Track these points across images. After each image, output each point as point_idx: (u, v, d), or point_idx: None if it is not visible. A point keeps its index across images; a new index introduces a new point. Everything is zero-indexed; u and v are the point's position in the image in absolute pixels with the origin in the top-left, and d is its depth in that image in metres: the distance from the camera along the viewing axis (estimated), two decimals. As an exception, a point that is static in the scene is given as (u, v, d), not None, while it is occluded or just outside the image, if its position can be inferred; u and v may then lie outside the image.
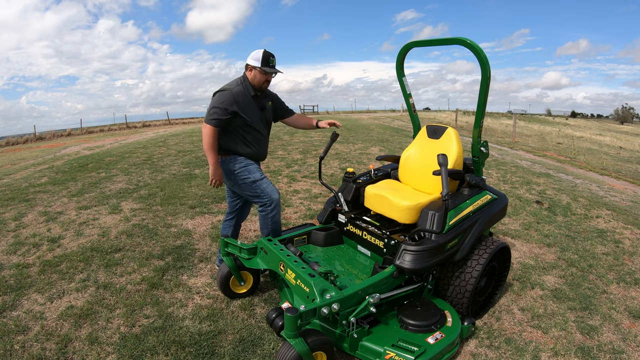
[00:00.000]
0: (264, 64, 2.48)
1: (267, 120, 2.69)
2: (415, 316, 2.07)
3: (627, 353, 2.14)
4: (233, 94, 2.47)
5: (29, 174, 6.33)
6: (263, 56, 2.47)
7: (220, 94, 2.49)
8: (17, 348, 2.01)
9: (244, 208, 2.87)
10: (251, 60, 2.49)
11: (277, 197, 2.58)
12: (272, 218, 2.59)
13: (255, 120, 2.57)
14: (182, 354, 1.98)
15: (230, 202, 2.79)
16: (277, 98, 2.81)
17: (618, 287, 2.87)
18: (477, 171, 2.64)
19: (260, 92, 2.59)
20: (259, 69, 2.48)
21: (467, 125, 16.78)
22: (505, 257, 2.57)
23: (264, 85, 2.56)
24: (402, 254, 2.09)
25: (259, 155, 2.67)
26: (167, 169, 6.29)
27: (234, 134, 2.55)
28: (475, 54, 2.25)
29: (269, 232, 2.66)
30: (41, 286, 2.60)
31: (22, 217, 3.97)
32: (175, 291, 2.57)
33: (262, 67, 2.47)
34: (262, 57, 2.48)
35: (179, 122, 25.97)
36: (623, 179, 7.14)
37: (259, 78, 2.51)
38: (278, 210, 2.61)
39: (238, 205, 2.80)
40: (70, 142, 14.53)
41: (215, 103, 2.46)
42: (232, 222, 2.83)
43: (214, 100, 2.50)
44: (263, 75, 2.50)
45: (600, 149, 13.78)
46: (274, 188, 2.59)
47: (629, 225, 4.22)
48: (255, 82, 2.52)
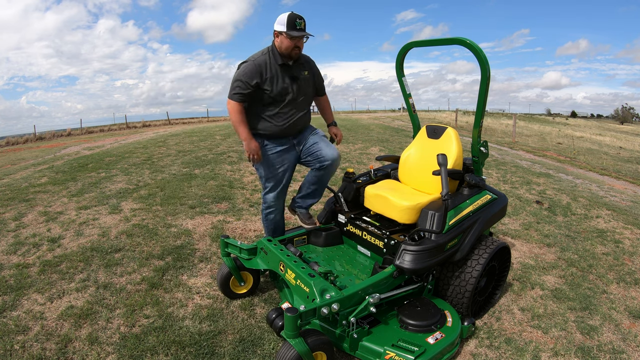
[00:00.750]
0: (290, 28, 2.20)
1: (303, 92, 2.42)
2: (415, 316, 2.07)
3: (627, 353, 2.14)
4: (255, 65, 2.27)
5: (29, 174, 6.33)
6: (288, 19, 2.21)
7: (243, 66, 2.30)
8: (17, 348, 2.01)
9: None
10: (277, 25, 2.24)
11: (273, 202, 2.60)
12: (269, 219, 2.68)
13: (283, 92, 2.33)
14: (182, 354, 1.98)
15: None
16: (316, 69, 2.55)
17: (618, 287, 2.87)
18: (476, 171, 2.64)
19: (290, 59, 2.34)
20: (285, 34, 2.22)
21: (467, 125, 16.78)
22: (505, 257, 2.57)
23: (294, 52, 2.29)
24: (402, 254, 2.09)
25: (281, 132, 2.43)
26: (167, 169, 6.28)
27: (254, 107, 2.37)
28: (475, 54, 2.25)
29: (268, 231, 2.68)
30: (41, 286, 2.60)
31: (22, 217, 3.97)
32: (175, 291, 2.57)
33: (289, 31, 2.20)
34: (288, 20, 2.21)
35: (179, 122, 25.98)
36: (623, 179, 7.14)
37: (286, 44, 2.25)
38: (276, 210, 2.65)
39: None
40: (70, 142, 14.53)
41: (237, 76, 2.29)
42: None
43: (236, 73, 2.31)
44: (290, 40, 2.24)
45: (600, 149, 13.78)
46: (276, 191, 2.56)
47: (629, 225, 4.22)
48: (283, 49, 2.27)
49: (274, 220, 2.73)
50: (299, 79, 2.39)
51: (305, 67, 2.45)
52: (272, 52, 2.32)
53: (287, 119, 2.41)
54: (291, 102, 2.39)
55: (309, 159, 2.55)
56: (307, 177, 2.65)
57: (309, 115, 2.59)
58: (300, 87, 2.41)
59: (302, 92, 2.43)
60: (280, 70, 2.32)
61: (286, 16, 2.21)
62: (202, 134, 11.54)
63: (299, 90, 2.40)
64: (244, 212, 4.12)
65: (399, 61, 2.80)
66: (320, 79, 2.60)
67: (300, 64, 2.42)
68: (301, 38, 2.27)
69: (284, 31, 2.22)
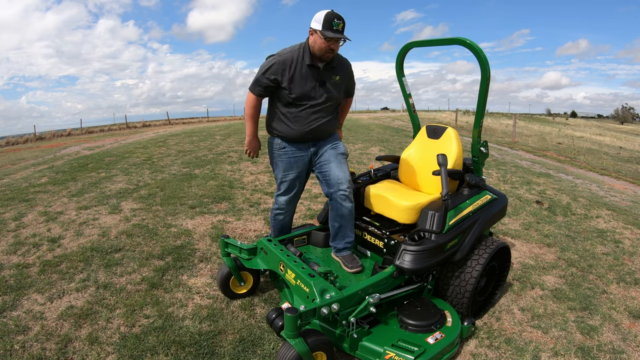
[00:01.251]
0: (326, 27, 2.01)
1: (328, 97, 2.23)
2: (415, 316, 2.07)
3: (627, 353, 2.14)
4: (280, 61, 2.11)
5: (29, 174, 6.33)
6: (325, 17, 2.01)
7: (268, 59, 2.15)
8: (17, 348, 2.01)
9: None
10: (313, 22, 2.06)
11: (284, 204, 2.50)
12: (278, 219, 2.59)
13: (304, 96, 2.16)
14: (182, 354, 1.98)
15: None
16: (350, 74, 2.34)
17: (618, 287, 2.87)
18: (476, 171, 2.64)
19: (321, 62, 2.15)
20: (319, 33, 2.03)
21: (467, 125, 16.78)
22: (505, 257, 2.57)
23: (326, 55, 2.11)
24: (401, 254, 2.09)
25: (298, 137, 2.28)
26: (167, 169, 6.28)
27: (275, 104, 2.26)
28: (475, 54, 2.25)
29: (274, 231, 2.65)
30: (41, 286, 2.60)
31: (22, 217, 3.97)
32: (175, 291, 2.57)
33: (324, 30, 2.01)
34: (325, 18, 2.01)
35: (179, 122, 25.99)
36: (623, 179, 7.14)
37: (319, 44, 2.07)
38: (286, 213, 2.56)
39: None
40: (70, 142, 14.53)
41: (260, 68, 2.16)
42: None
43: (261, 65, 2.17)
44: (325, 41, 2.05)
45: (600, 149, 13.78)
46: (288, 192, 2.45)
47: (629, 225, 4.22)
48: (316, 49, 2.10)
49: (282, 222, 2.65)
50: (327, 83, 2.20)
51: (338, 72, 2.25)
52: (304, 49, 2.14)
53: (307, 124, 2.24)
54: (313, 107, 2.21)
55: (319, 176, 2.43)
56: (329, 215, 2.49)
57: (333, 122, 2.39)
58: (327, 92, 2.21)
59: (328, 98, 2.23)
60: (306, 71, 2.14)
61: (324, 14, 2.03)
62: (202, 134, 11.54)
63: (323, 96, 2.21)
64: (244, 212, 4.12)
65: (399, 61, 2.80)
66: (352, 84, 2.41)
67: (332, 68, 2.22)
68: (337, 41, 2.08)
69: (318, 30, 2.04)
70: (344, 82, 2.31)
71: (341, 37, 2.07)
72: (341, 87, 2.29)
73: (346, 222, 2.38)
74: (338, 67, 2.24)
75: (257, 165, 6.51)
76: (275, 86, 2.17)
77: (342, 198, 2.32)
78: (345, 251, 2.44)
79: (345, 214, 2.36)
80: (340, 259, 2.44)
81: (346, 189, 2.30)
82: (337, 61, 2.24)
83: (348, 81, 2.35)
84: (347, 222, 2.38)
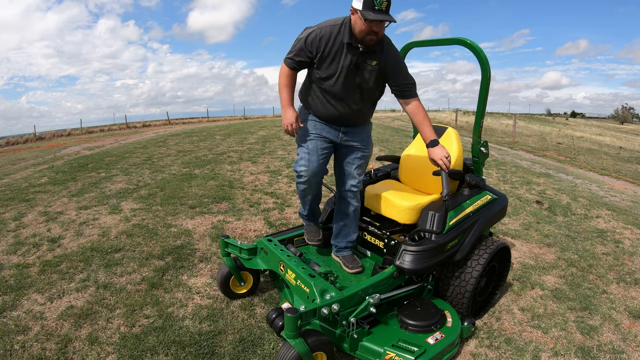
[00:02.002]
0: (367, 7, 1.74)
1: (357, 85, 1.98)
2: (415, 316, 2.07)
3: (627, 353, 2.14)
4: (317, 34, 1.89)
5: (29, 174, 6.33)
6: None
7: (306, 30, 1.95)
8: (17, 348, 2.01)
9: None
10: (354, 1, 1.81)
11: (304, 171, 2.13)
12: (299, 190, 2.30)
13: (329, 77, 1.96)
14: (182, 354, 1.98)
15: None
16: (393, 63, 1.97)
17: (618, 287, 2.87)
18: (477, 171, 2.64)
19: (360, 44, 1.89)
20: (359, 13, 1.78)
21: (467, 125, 16.78)
22: (505, 257, 2.57)
23: (367, 39, 1.85)
24: (402, 255, 2.09)
25: (330, 118, 2.09)
26: (167, 169, 6.28)
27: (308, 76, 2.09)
28: (475, 54, 2.25)
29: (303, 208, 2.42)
30: (41, 286, 2.60)
31: (22, 217, 3.97)
32: (175, 291, 2.57)
33: (364, 10, 1.75)
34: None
35: (179, 122, 25.99)
36: (623, 179, 7.14)
37: (359, 26, 1.82)
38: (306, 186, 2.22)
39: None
40: (70, 142, 14.53)
41: (296, 40, 1.98)
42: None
43: (298, 35, 1.99)
44: (365, 23, 1.79)
45: (600, 149, 13.78)
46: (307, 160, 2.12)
47: (629, 225, 4.22)
48: (357, 32, 1.86)
49: (310, 200, 2.39)
50: (360, 68, 1.93)
51: (377, 56, 1.93)
52: (345, 25, 1.89)
53: (329, 109, 2.04)
54: (337, 93, 1.99)
55: (334, 167, 2.36)
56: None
57: (363, 114, 2.16)
58: (357, 78, 1.95)
59: (357, 86, 1.98)
60: (342, 50, 1.90)
61: None
62: (202, 134, 11.54)
63: (357, 82, 1.96)
64: (244, 212, 4.12)
65: (399, 61, 2.79)
66: (396, 76, 1.99)
67: (371, 52, 1.92)
68: (381, 23, 1.80)
69: (359, 9, 1.77)
70: (381, 69, 1.97)
71: (385, 19, 1.77)
72: (376, 74, 1.97)
73: (350, 221, 2.37)
74: (380, 50, 1.93)
75: (257, 165, 6.51)
76: (309, 61, 1.96)
77: (350, 196, 2.30)
78: (346, 251, 2.43)
79: (350, 212, 2.35)
80: (340, 259, 2.44)
81: (356, 187, 2.28)
82: (382, 44, 1.93)
83: (388, 69, 1.97)
84: (351, 221, 2.37)
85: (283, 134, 10.58)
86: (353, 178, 2.29)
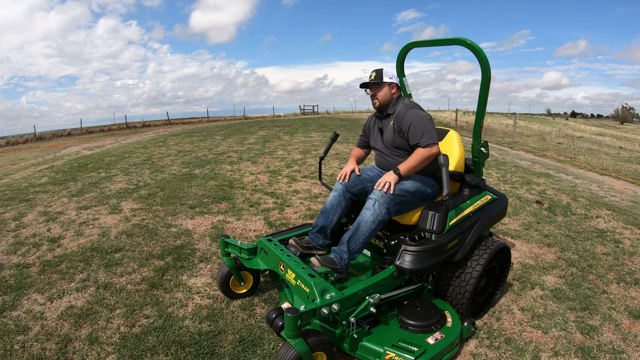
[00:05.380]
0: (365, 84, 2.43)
1: (389, 143, 2.40)
2: (415, 316, 2.07)
3: (627, 353, 2.14)
4: (368, 119, 2.60)
5: (29, 174, 6.33)
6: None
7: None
8: (17, 348, 2.01)
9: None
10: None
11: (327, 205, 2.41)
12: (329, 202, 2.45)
13: (372, 142, 2.56)
14: (182, 354, 1.98)
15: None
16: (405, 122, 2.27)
17: (618, 287, 2.87)
18: (477, 171, 2.64)
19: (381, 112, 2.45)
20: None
21: (467, 125, 16.78)
22: (505, 257, 2.57)
23: (374, 103, 2.43)
24: (402, 254, 2.09)
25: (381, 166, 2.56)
26: (167, 169, 6.28)
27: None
28: (475, 54, 2.25)
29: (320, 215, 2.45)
30: (41, 286, 2.60)
31: (22, 217, 3.97)
32: (175, 291, 2.57)
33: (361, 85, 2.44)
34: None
35: (179, 122, 25.98)
36: (623, 179, 7.14)
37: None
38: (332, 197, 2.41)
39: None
40: (70, 142, 14.53)
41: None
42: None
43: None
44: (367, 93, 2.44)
45: (600, 149, 13.78)
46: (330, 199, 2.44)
47: (629, 225, 4.22)
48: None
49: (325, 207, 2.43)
50: (384, 130, 2.44)
51: (391, 119, 2.38)
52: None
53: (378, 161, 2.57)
54: (381, 154, 2.49)
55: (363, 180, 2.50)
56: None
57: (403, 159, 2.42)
58: (386, 138, 2.41)
59: (389, 143, 2.41)
60: (375, 122, 2.53)
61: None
62: (202, 134, 11.54)
63: (384, 142, 2.44)
64: (244, 212, 4.12)
65: (400, 61, 2.80)
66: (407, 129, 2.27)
67: (388, 115, 2.43)
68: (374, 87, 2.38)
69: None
70: (399, 127, 2.31)
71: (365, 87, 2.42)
72: (395, 132, 2.35)
73: (357, 233, 2.19)
74: (394, 114, 2.37)
75: (257, 166, 6.51)
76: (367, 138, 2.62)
77: (369, 203, 2.21)
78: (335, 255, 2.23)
79: (360, 221, 2.19)
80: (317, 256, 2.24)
81: (377, 198, 2.18)
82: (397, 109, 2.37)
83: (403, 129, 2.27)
84: (357, 233, 2.19)
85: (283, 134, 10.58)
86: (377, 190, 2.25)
